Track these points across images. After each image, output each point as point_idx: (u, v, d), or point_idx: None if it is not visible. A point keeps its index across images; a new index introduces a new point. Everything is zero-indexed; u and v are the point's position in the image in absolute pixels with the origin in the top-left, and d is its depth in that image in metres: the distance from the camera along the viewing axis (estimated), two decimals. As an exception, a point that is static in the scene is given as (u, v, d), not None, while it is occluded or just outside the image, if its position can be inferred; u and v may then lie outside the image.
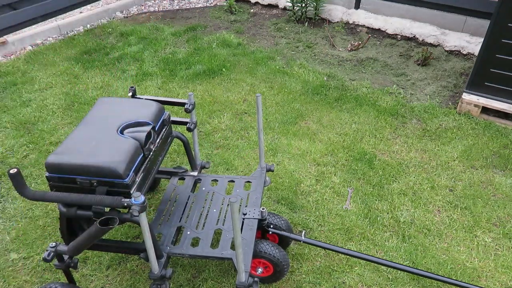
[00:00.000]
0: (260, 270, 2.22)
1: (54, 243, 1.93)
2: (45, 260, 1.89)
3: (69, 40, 5.09)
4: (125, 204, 1.66)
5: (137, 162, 1.85)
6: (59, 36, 5.25)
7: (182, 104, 2.33)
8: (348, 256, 2.44)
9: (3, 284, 2.33)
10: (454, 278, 2.30)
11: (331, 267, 2.40)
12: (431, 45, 4.77)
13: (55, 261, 1.99)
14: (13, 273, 2.40)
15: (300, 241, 2.24)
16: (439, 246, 2.53)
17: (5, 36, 4.86)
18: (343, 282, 2.33)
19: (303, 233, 2.29)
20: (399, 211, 2.76)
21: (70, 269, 2.05)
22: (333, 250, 2.25)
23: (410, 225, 2.66)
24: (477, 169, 3.11)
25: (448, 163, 3.16)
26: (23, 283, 2.34)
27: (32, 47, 4.97)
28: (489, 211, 2.76)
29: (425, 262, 2.43)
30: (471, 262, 2.44)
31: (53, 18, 5.39)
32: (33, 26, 5.18)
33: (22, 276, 2.38)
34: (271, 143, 3.37)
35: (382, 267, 2.39)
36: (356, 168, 3.11)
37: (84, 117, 2.06)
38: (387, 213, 2.75)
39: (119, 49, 4.87)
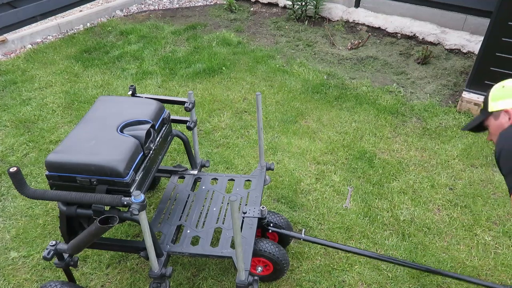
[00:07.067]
0: (260, 268, 2.22)
1: (54, 242, 1.94)
2: (45, 258, 1.89)
3: (69, 39, 5.08)
4: (125, 202, 1.67)
5: (137, 160, 1.86)
6: (59, 35, 5.24)
7: (182, 103, 2.33)
8: (348, 255, 2.44)
9: (3, 283, 2.33)
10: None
11: (331, 265, 2.40)
12: (431, 43, 4.76)
13: (55, 260, 1.99)
14: (13, 271, 2.40)
15: (300, 239, 2.24)
16: (439, 245, 2.53)
17: (5, 35, 4.85)
18: (343, 281, 2.33)
19: (303, 231, 2.29)
20: (399, 209, 2.76)
21: (70, 267, 2.05)
22: (333, 247, 2.25)
23: (410, 224, 2.67)
24: (477, 167, 3.11)
25: (448, 161, 3.16)
26: (23, 282, 2.34)
27: (32, 45, 4.96)
28: (489, 209, 2.76)
29: (425, 261, 2.43)
30: (471, 260, 2.44)
31: (53, 17, 5.39)
32: (33, 25, 5.17)
33: (22, 274, 2.38)
34: (271, 142, 3.37)
35: (382, 265, 2.39)
36: (356, 166, 3.11)
37: (84, 115, 2.06)
38: (387, 212, 2.75)
39: (119, 47, 4.86)
